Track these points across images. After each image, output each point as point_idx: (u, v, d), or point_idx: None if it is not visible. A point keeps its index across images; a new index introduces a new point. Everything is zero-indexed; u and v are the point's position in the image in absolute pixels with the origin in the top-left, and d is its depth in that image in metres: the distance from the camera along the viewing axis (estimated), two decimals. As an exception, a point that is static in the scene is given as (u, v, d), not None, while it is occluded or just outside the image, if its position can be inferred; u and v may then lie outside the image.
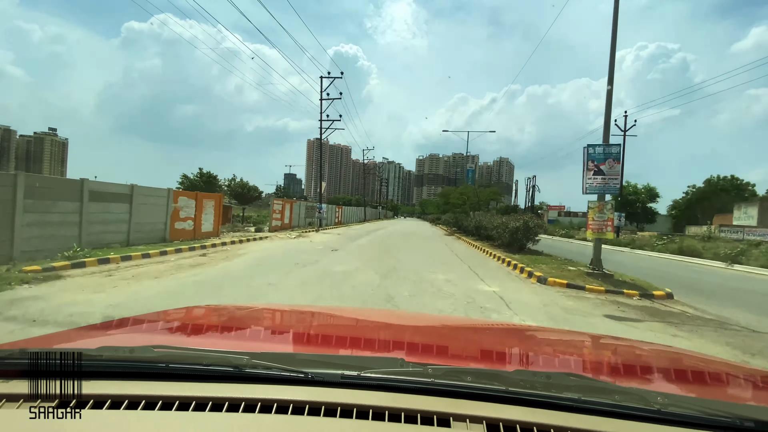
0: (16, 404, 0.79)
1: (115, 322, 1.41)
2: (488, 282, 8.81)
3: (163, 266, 8.92)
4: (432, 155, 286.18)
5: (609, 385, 0.98)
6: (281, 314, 1.99)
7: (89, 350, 0.90)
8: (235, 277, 8.01)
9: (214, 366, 0.91)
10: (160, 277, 7.62)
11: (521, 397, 0.86)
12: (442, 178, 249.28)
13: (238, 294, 6.45)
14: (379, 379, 0.89)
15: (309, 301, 6.17)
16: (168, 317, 1.63)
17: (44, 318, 4.61)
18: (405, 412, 0.81)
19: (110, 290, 6.31)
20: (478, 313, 5.95)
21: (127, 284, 6.81)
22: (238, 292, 6.60)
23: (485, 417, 0.80)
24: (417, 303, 6.32)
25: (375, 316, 2.22)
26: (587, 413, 0.84)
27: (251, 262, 10.31)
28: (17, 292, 5.94)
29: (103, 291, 6.22)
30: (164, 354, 0.94)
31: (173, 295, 6.18)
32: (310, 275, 8.45)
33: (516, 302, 6.89)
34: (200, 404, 0.80)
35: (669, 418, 0.83)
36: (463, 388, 0.88)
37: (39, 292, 5.94)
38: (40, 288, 6.25)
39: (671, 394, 0.94)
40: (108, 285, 6.68)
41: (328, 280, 7.89)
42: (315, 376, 0.89)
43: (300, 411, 0.80)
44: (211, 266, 9.25)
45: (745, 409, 0.90)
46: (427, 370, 0.92)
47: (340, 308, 3.64)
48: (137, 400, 0.80)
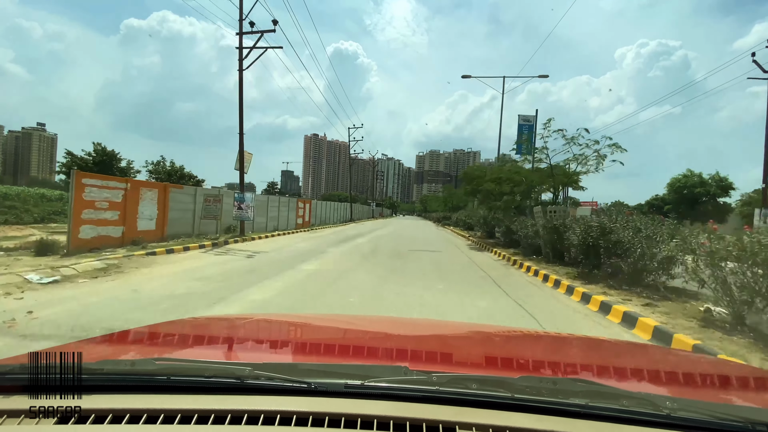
0: (17, 420, 0.78)
1: (116, 334, 1.42)
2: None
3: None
4: (432, 151, 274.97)
5: (616, 390, 0.95)
6: (283, 324, 1.98)
7: (90, 364, 0.89)
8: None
9: (216, 378, 0.90)
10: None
11: (527, 404, 0.86)
12: (442, 176, 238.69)
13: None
14: (383, 388, 0.88)
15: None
16: (169, 329, 1.62)
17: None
18: (410, 422, 0.80)
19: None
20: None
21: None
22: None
23: (491, 425, 0.80)
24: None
25: (377, 324, 2.19)
26: (595, 419, 0.83)
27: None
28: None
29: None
30: (166, 366, 0.93)
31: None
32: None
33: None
34: (202, 417, 0.80)
35: (679, 422, 0.82)
36: (469, 396, 0.87)
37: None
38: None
39: (680, 398, 0.93)
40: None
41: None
42: (318, 386, 0.88)
43: (303, 422, 0.79)
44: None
45: (757, 413, 0.89)
46: (431, 378, 0.91)
47: (343, 317, 3.55)
48: (139, 414, 0.80)
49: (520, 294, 7.20)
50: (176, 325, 1.74)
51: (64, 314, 4.83)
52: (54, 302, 5.37)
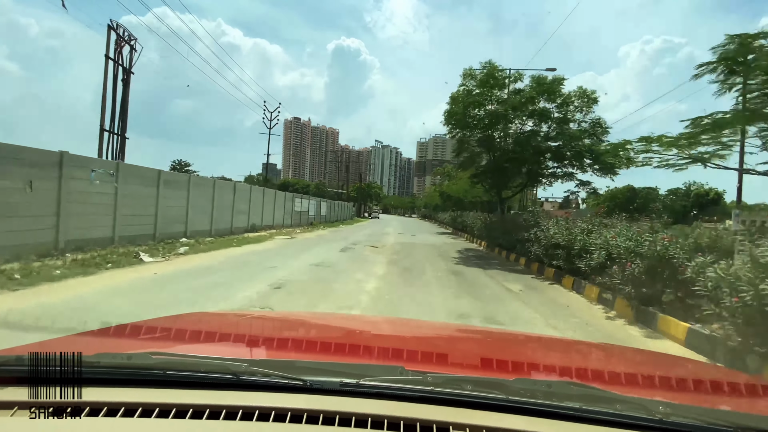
0: (10, 412, 0.78)
1: (113, 328, 1.41)
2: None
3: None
4: (437, 137, 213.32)
5: (610, 394, 0.96)
6: (280, 321, 1.95)
7: (87, 357, 0.88)
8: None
9: (212, 373, 0.90)
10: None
11: (522, 406, 0.86)
12: (449, 165, 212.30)
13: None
14: (378, 387, 0.89)
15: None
16: (166, 324, 1.61)
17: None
18: (404, 421, 0.81)
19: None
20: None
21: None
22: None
23: (485, 426, 0.80)
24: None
25: (374, 324, 2.18)
26: (588, 422, 0.84)
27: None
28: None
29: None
30: (162, 361, 0.93)
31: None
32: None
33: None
34: (197, 412, 0.80)
35: (671, 427, 0.83)
36: (463, 397, 0.88)
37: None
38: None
39: (673, 403, 0.94)
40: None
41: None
42: (313, 384, 0.89)
43: (298, 419, 0.80)
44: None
45: (747, 419, 0.91)
46: (426, 378, 0.92)
47: (340, 315, 3.65)
48: (134, 408, 0.80)
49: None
50: (173, 320, 1.74)
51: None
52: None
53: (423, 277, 9.14)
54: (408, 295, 7.02)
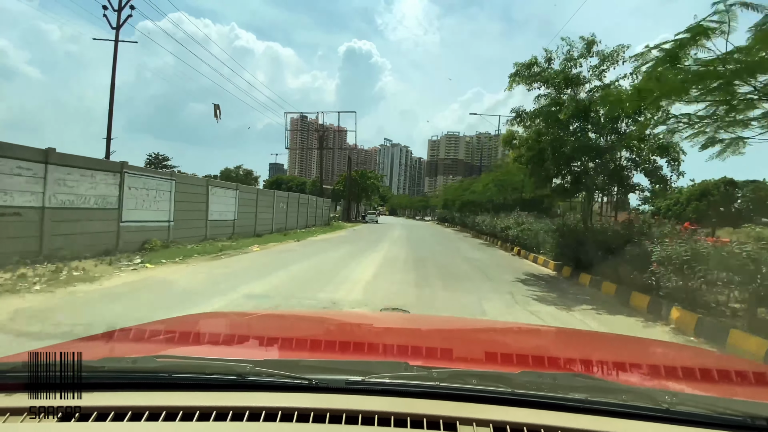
0: (19, 418, 0.78)
1: (117, 332, 1.41)
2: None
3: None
4: (449, 134, 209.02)
5: (616, 385, 0.96)
6: (284, 320, 1.96)
7: (91, 362, 0.89)
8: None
9: (217, 375, 0.90)
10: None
11: (527, 399, 0.86)
12: (462, 165, 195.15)
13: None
14: (384, 383, 0.88)
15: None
16: (170, 326, 1.61)
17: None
18: (411, 417, 0.80)
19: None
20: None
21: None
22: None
23: (492, 420, 0.80)
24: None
25: (378, 320, 2.17)
26: (595, 413, 0.83)
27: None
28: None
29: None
30: (167, 364, 0.94)
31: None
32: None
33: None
34: (204, 414, 0.80)
35: (678, 417, 0.82)
36: (469, 391, 0.87)
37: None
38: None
39: (680, 392, 0.93)
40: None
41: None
42: (319, 383, 0.88)
43: (305, 418, 0.80)
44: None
45: (757, 407, 0.88)
46: (431, 373, 0.91)
47: (343, 312, 3.65)
48: (140, 411, 0.80)
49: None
50: (177, 322, 1.73)
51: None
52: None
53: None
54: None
